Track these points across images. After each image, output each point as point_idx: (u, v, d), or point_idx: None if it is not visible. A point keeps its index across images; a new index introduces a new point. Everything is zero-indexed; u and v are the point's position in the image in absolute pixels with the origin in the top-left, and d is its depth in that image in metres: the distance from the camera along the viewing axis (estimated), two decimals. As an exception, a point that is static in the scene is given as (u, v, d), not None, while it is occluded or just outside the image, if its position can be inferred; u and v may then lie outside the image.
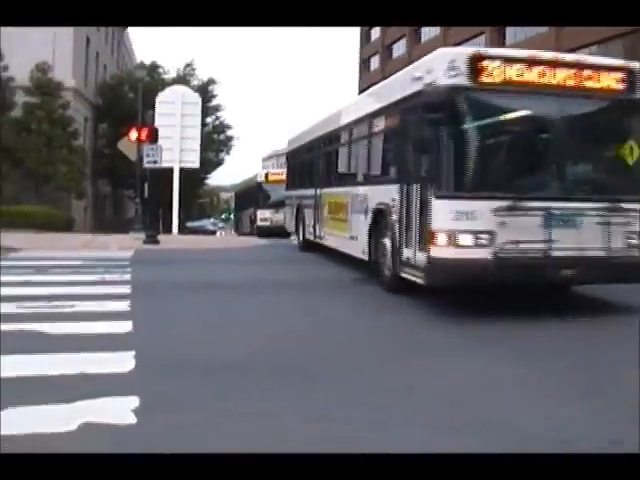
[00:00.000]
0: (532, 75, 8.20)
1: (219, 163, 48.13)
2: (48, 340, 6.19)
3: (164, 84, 34.49)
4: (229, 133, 46.73)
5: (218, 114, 45.24)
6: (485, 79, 7.99)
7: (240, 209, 40.12)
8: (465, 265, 7.77)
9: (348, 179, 12.94)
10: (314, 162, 16.22)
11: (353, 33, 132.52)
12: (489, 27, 50.33)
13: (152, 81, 37.18)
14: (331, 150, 14.79)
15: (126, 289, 9.49)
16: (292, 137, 19.86)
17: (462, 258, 7.74)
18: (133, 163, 23.98)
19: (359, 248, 11.33)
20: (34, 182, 31.15)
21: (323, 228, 14.63)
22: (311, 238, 15.84)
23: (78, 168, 32.56)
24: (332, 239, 13.84)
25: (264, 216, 28.43)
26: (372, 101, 11.68)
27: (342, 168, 13.85)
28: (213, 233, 52.18)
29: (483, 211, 7.74)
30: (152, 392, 4.67)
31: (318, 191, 15.15)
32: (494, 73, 8.03)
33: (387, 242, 9.72)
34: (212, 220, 77.09)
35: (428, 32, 61.88)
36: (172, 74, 42.90)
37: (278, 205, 25.70)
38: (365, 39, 76.34)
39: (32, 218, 26.20)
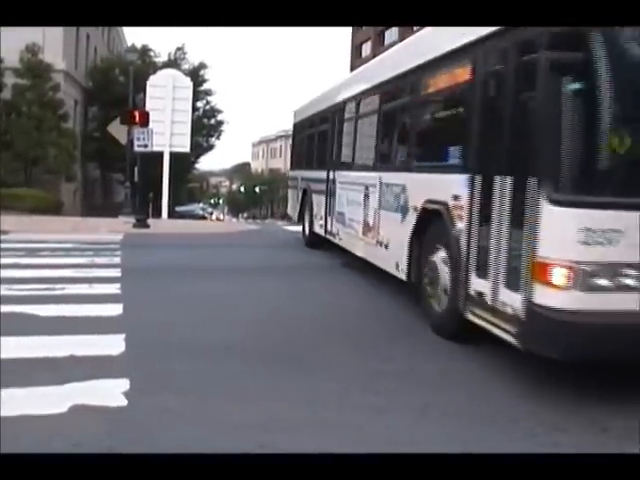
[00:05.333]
0: None
1: (209, 148, 47.94)
2: (38, 322, 6.20)
3: (155, 68, 34.23)
4: (219, 118, 46.57)
5: (209, 98, 45.05)
6: None
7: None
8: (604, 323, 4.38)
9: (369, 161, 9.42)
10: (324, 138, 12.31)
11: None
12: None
13: (143, 64, 36.86)
14: (349, 122, 10.80)
15: (116, 272, 9.49)
16: (302, 107, 15.50)
17: (598, 310, 4.39)
18: (123, 147, 23.86)
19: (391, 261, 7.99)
20: (23, 165, 30.95)
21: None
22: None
23: (68, 151, 32.34)
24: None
25: None
26: (423, 49, 7.39)
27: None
28: (202, 218, 52.03)
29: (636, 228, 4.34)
30: (142, 375, 4.70)
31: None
32: None
33: (441, 263, 6.37)
34: (201, 205, 76.93)
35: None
36: (163, 57, 42.60)
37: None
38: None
39: (22, 201, 26.05)
